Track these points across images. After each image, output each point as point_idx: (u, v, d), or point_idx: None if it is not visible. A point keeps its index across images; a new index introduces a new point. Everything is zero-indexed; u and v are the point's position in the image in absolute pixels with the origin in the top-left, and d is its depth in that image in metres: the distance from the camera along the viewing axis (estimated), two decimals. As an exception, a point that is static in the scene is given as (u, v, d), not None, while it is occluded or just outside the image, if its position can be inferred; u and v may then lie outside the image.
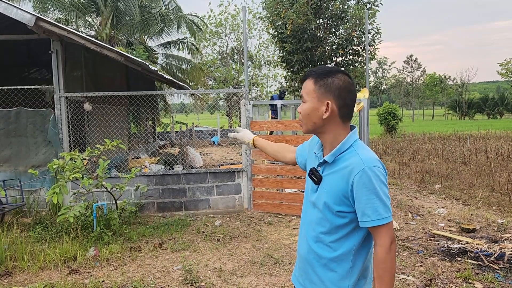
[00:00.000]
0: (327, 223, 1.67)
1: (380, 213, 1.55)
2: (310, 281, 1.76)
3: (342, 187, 1.60)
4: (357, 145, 1.65)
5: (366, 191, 1.55)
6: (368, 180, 1.54)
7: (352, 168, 1.58)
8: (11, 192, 6.64)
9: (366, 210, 1.56)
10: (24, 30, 6.65)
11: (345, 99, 1.64)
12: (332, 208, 1.64)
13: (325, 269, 1.69)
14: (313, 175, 1.73)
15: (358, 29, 15.09)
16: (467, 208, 6.95)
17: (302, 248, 1.80)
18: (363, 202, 1.56)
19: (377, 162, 1.59)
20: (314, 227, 1.73)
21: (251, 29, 30.47)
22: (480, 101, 63.40)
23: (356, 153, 1.61)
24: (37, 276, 4.37)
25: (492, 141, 17.32)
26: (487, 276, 4.09)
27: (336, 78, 1.64)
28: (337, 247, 1.66)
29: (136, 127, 14.67)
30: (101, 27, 18.81)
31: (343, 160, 1.63)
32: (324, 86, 1.64)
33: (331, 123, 1.66)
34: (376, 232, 1.58)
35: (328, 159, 1.67)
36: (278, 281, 4.15)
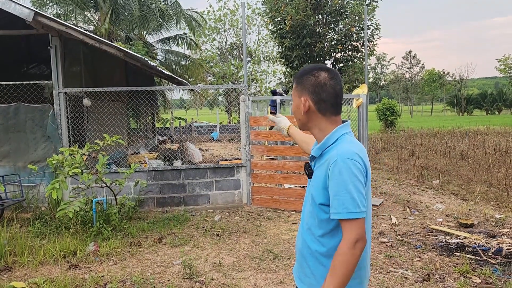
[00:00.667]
0: (315, 216, 1.69)
1: (347, 207, 1.52)
2: (304, 273, 1.78)
3: (323, 180, 1.63)
4: (342, 139, 1.66)
5: (336, 182, 1.54)
6: (338, 172, 1.54)
7: (329, 160, 1.60)
8: (11, 188, 6.65)
9: (333, 201, 1.55)
10: (23, 25, 6.63)
11: (319, 95, 1.68)
12: (316, 200, 1.67)
13: (317, 263, 1.70)
14: (305, 170, 1.80)
15: (357, 25, 15.08)
16: (465, 203, 6.99)
17: (298, 240, 1.84)
18: (332, 194, 1.56)
19: (354, 155, 1.57)
20: (307, 221, 1.76)
21: (250, 25, 30.41)
22: (479, 97, 63.47)
23: (336, 147, 1.63)
24: (36, 271, 4.39)
25: (490, 137, 17.36)
26: (485, 270, 4.12)
27: (312, 75, 1.70)
28: (325, 242, 1.67)
29: (135, 122, 14.66)
30: (100, 23, 18.74)
31: (327, 154, 1.66)
32: (300, 84, 1.74)
33: (313, 118, 1.72)
34: (342, 225, 1.56)
35: (315, 153, 1.72)
36: (277, 276, 4.17)
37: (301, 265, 1.80)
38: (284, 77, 19.67)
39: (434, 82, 66.94)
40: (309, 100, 1.69)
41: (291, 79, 17.60)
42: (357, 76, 15.96)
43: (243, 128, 7.06)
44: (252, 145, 7.15)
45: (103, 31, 17.53)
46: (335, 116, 1.71)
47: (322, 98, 1.68)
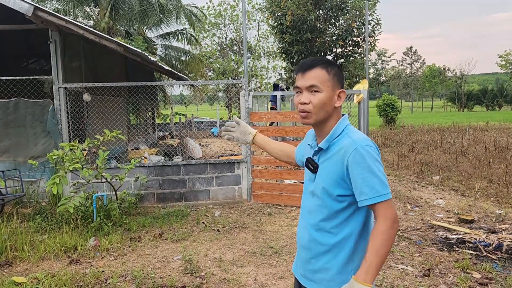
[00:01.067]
0: (326, 210, 1.68)
1: (378, 190, 1.55)
2: (312, 270, 1.76)
3: (338, 171, 1.62)
4: (348, 129, 1.69)
5: (361, 169, 1.56)
6: (362, 159, 1.56)
7: (345, 149, 1.60)
8: (11, 183, 6.64)
9: (363, 188, 1.56)
10: (22, 20, 6.60)
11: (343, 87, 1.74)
12: (331, 193, 1.65)
13: (328, 255, 1.70)
14: (309, 164, 1.76)
15: (358, 20, 15.03)
16: (466, 199, 6.99)
17: (303, 238, 1.81)
18: (359, 181, 1.56)
19: (369, 142, 1.61)
20: (314, 216, 1.74)
21: (250, 20, 30.29)
22: (479, 92, 63.40)
23: (348, 136, 1.64)
24: (37, 266, 4.39)
25: (491, 133, 17.35)
26: (485, 266, 4.12)
27: (339, 69, 1.71)
28: (337, 232, 1.67)
29: (135, 118, 14.64)
30: (100, 18, 18.66)
31: (337, 145, 1.66)
32: (337, 76, 1.69)
33: (336, 111, 1.71)
34: (376, 209, 1.58)
35: (323, 145, 1.69)
36: (277, 271, 4.18)
37: (308, 262, 1.78)
38: (285, 72, 19.62)
39: (434, 78, 66.79)
40: (343, 93, 1.70)
41: (291, 75, 17.56)
42: (358, 72, 15.93)
43: (243, 123, 7.03)
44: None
45: (103, 26, 17.45)
46: None
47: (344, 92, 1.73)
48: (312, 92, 1.67)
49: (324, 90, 1.66)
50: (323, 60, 1.71)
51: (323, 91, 1.66)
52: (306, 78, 1.68)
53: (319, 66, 1.67)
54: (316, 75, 1.67)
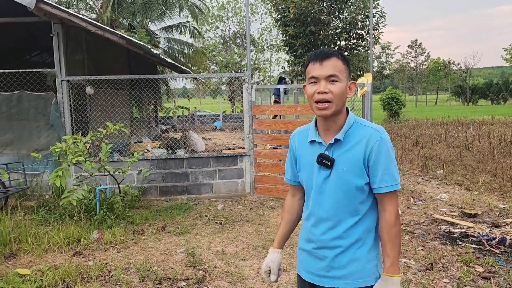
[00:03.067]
0: (350, 203, 1.68)
1: (396, 178, 1.64)
2: (338, 267, 1.71)
3: (360, 161, 1.64)
4: (359, 120, 1.72)
5: (385, 158, 1.62)
6: (386, 148, 1.63)
7: (369, 138, 1.64)
8: (14, 176, 6.67)
9: (384, 176, 1.62)
10: (25, 12, 6.58)
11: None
12: (355, 184, 1.65)
13: (355, 247, 1.70)
14: (324, 160, 1.68)
15: (362, 12, 14.92)
16: (469, 193, 6.96)
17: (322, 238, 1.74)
18: (382, 169, 1.62)
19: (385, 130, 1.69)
20: (336, 212, 1.70)
21: (253, 13, 30.15)
22: (484, 86, 62.96)
23: (365, 126, 1.68)
24: (41, 258, 4.42)
25: (496, 127, 17.24)
26: (488, 260, 4.11)
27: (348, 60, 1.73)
28: (362, 222, 1.70)
29: (138, 111, 14.65)
30: (102, 10, 18.61)
31: (354, 136, 1.67)
32: (349, 68, 1.69)
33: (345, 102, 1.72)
34: (388, 197, 1.65)
35: (340, 137, 1.67)
36: (280, 264, 4.18)
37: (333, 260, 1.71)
38: (288, 65, 19.54)
39: (439, 71, 66.33)
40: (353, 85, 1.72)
41: (295, 68, 17.49)
42: (362, 65, 15.84)
43: (246, 117, 7.02)
44: (255, 134, 7.12)
45: (106, 19, 17.40)
46: None
47: None
48: (330, 81, 1.62)
49: (342, 80, 1.64)
50: (336, 50, 1.71)
51: (341, 81, 1.64)
52: (325, 67, 1.62)
53: (336, 56, 1.65)
54: (335, 64, 1.63)
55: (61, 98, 6.87)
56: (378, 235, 1.73)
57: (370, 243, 1.71)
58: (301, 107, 6.97)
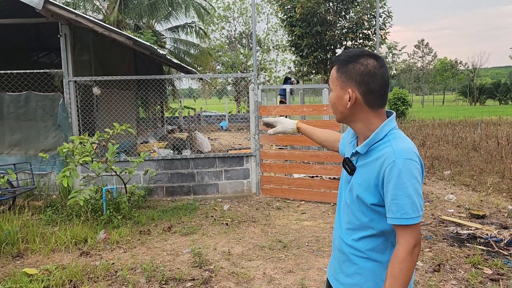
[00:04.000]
0: (361, 216, 1.59)
1: (406, 211, 1.42)
2: (345, 274, 1.68)
3: (374, 180, 1.51)
4: (392, 135, 1.53)
5: (394, 185, 1.43)
6: (397, 174, 1.43)
7: (384, 159, 1.47)
8: (22, 176, 6.72)
9: (391, 206, 1.45)
10: (33, 13, 6.63)
11: (368, 85, 1.52)
12: (365, 201, 1.55)
13: (362, 260, 1.61)
14: (346, 165, 1.64)
15: (368, 12, 14.86)
16: (477, 194, 6.90)
17: (338, 241, 1.72)
18: (389, 197, 1.45)
19: (412, 155, 1.46)
20: (349, 218, 1.65)
21: (259, 13, 30.16)
22: (492, 86, 62.49)
23: (390, 144, 1.49)
24: (48, 257, 4.44)
25: (504, 127, 17.10)
26: (497, 261, 4.07)
27: (358, 63, 1.52)
28: (372, 240, 1.58)
29: (144, 111, 14.69)
30: (109, 11, 18.69)
31: (376, 151, 1.53)
32: (345, 73, 1.55)
33: (358, 111, 1.56)
34: (399, 231, 1.47)
35: (361, 150, 1.57)
36: (286, 265, 4.17)
37: (342, 265, 1.70)
38: (294, 66, 19.52)
39: (446, 71, 65.95)
40: (356, 91, 1.52)
41: (300, 68, 17.46)
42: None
43: (252, 117, 7.02)
44: (261, 135, 7.11)
45: (112, 19, 17.48)
46: (382, 108, 1.57)
47: (371, 89, 1.52)
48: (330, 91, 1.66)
49: (333, 90, 1.60)
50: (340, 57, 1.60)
51: (333, 91, 1.61)
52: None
53: (334, 64, 1.60)
54: (331, 74, 1.63)
55: (68, 99, 6.91)
56: None
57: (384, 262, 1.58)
58: (307, 108, 6.95)
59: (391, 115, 1.61)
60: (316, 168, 6.76)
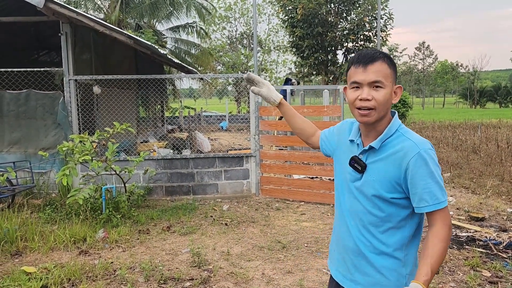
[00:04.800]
0: (378, 212, 1.60)
1: (438, 197, 1.50)
2: (362, 272, 1.68)
3: (394, 174, 1.54)
4: (403, 130, 1.60)
5: (423, 175, 1.49)
6: (424, 164, 1.49)
7: (406, 152, 1.52)
8: (21, 174, 6.71)
9: (423, 195, 1.50)
10: (34, 12, 6.63)
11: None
12: (383, 196, 1.57)
13: (380, 258, 1.62)
14: (356, 164, 1.64)
15: (370, 14, 14.87)
16: (476, 197, 6.90)
17: (348, 240, 1.71)
18: (420, 187, 1.50)
19: (430, 144, 1.55)
20: (362, 217, 1.64)
21: (260, 14, 30.17)
22: (492, 89, 62.49)
23: (406, 137, 1.56)
24: (47, 256, 4.44)
25: (503, 130, 17.10)
26: (495, 264, 4.07)
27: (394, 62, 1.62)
28: (389, 236, 1.60)
29: (144, 111, 14.70)
30: (110, 10, 18.71)
31: (391, 146, 1.57)
32: (395, 71, 1.59)
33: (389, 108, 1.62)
34: (434, 216, 1.53)
35: (375, 145, 1.59)
36: (285, 266, 4.17)
37: (356, 265, 1.69)
38: (295, 67, 19.52)
39: (446, 74, 65.97)
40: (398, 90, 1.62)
41: (301, 69, 17.46)
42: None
43: (252, 117, 7.02)
44: (261, 135, 7.12)
45: (113, 19, 17.49)
46: None
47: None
48: (374, 87, 1.54)
49: (387, 86, 1.55)
50: (382, 52, 1.60)
51: (386, 87, 1.54)
52: (369, 72, 1.54)
53: (381, 59, 1.55)
54: (379, 69, 1.54)
55: (69, 97, 6.90)
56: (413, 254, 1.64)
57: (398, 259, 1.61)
58: (308, 109, 6.95)
59: (394, 114, 1.66)
60: (316, 169, 6.75)
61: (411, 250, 1.63)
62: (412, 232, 1.61)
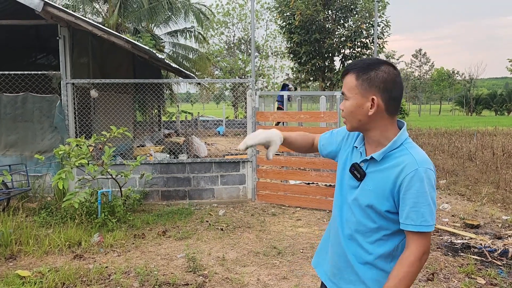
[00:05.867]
0: (369, 222, 1.60)
1: (426, 219, 1.47)
2: (347, 281, 1.68)
3: (389, 186, 1.52)
4: (408, 144, 1.57)
5: (415, 193, 1.47)
6: (419, 182, 1.46)
7: (404, 167, 1.49)
8: (17, 177, 6.69)
9: (410, 213, 1.48)
10: (32, 15, 6.64)
11: (391, 92, 1.54)
12: (376, 207, 1.56)
13: (365, 268, 1.62)
14: (355, 171, 1.64)
15: (367, 21, 14.97)
16: (472, 204, 6.92)
17: (337, 245, 1.72)
18: (409, 204, 1.48)
19: (431, 165, 1.51)
20: (352, 225, 1.65)
21: (258, 20, 30.30)
22: (488, 97, 62.83)
23: (409, 152, 1.53)
24: (41, 260, 4.42)
25: (499, 138, 17.19)
26: (490, 272, 4.08)
27: (380, 70, 1.54)
28: (378, 247, 1.60)
29: (141, 115, 14.69)
30: (108, 14, 18.75)
31: (392, 158, 1.55)
32: (367, 81, 1.54)
33: (377, 119, 1.56)
34: (414, 237, 1.50)
35: (377, 157, 1.58)
36: (280, 271, 4.17)
37: (342, 272, 1.70)
38: (292, 72, 19.59)
39: (443, 81, 66.36)
40: (379, 99, 1.53)
41: (299, 75, 17.52)
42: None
43: (249, 123, 7.04)
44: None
45: (112, 23, 17.52)
46: (396, 115, 1.61)
47: (393, 96, 1.54)
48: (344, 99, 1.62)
49: (351, 98, 1.57)
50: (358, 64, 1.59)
51: (349, 99, 1.58)
52: (343, 84, 1.63)
53: (351, 71, 1.58)
54: (346, 81, 1.60)
55: (66, 101, 6.90)
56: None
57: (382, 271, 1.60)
58: (304, 114, 6.97)
59: (403, 125, 1.63)
60: (312, 175, 6.77)
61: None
62: (399, 245, 1.59)
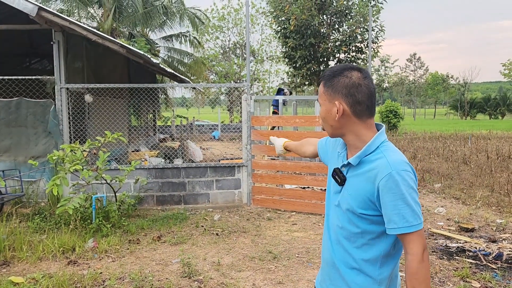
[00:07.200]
0: (353, 227, 1.60)
1: (408, 220, 1.46)
2: (335, 285, 1.69)
3: (367, 191, 1.53)
4: (384, 147, 1.57)
5: (393, 196, 1.47)
6: (395, 185, 1.46)
7: (378, 171, 1.50)
8: (11, 182, 6.64)
9: (392, 216, 1.48)
10: (26, 20, 6.62)
11: (354, 96, 1.56)
12: (356, 211, 1.57)
13: (352, 273, 1.62)
14: (336, 176, 1.66)
15: (361, 26, 15.05)
16: (467, 207, 6.95)
17: (327, 251, 1.73)
18: (390, 208, 1.48)
19: (406, 166, 1.51)
20: (338, 230, 1.66)
21: (254, 24, 30.38)
22: (482, 101, 63.35)
23: (383, 156, 1.53)
24: (35, 266, 4.38)
25: (493, 141, 17.30)
26: (485, 275, 4.09)
27: (343, 76, 1.58)
28: (363, 252, 1.59)
29: (136, 120, 14.65)
30: (103, 19, 18.73)
31: (368, 162, 1.56)
32: (331, 87, 1.60)
33: (348, 123, 1.60)
34: (405, 240, 1.50)
35: (353, 161, 1.59)
36: (276, 276, 4.15)
37: (331, 277, 1.70)
38: (287, 77, 19.65)
39: (437, 85, 66.81)
40: (343, 103, 1.57)
41: (294, 79, 17.58)
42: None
43: (244, 127, 7.04)
44: (253, 145, 7.12)
45: (106, 27, 17.51)
46: (370, 118, 1.61)
47: (358, 100, 1.56)
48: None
49: (322, 105, 1.65)
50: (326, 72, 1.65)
51: (321, 105, 1.66)
52: None
53: (321, 80, 1.65)
54: (319, 90, 1.68)
55: (60, 106, 6.87)
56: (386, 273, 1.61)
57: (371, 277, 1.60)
58: (300, 119, 6.98)
59: (381, 128, 1.64)
60: (308, 179, 6.77)
61: (386, 268, 1.60)
62: (387, 251, 1.59)
